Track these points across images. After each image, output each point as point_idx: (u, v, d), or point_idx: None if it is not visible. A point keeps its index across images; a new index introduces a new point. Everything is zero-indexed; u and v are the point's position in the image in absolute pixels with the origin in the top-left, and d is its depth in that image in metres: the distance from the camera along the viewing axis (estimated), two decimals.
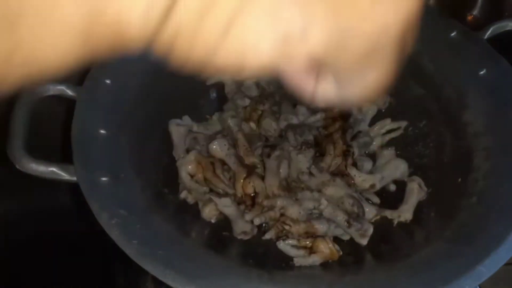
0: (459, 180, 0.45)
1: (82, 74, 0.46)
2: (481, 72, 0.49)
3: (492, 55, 0.50)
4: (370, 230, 0.44)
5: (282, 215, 0.45)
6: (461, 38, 0.52)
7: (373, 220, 0.47)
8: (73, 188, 0.39)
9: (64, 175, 0.40)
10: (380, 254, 0.44)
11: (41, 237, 0.55)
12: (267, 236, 0.45)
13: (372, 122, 0.56)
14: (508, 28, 0.51)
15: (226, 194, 0.46)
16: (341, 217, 0.44)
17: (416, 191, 0.47)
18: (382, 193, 0.50)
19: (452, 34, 0.52)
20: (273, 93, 0.56)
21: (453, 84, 0.52)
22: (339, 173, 0.49)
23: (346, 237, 0.46)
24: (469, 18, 0.74)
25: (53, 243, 0.54)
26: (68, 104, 0.45)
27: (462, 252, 0.36)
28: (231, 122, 0.52)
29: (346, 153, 0.49)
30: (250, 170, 0.48)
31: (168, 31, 0.15)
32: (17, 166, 0.39)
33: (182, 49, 0.15)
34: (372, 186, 0.48)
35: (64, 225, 0.55)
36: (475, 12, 0.73)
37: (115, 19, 0.14)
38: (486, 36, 0.52)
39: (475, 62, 0.50)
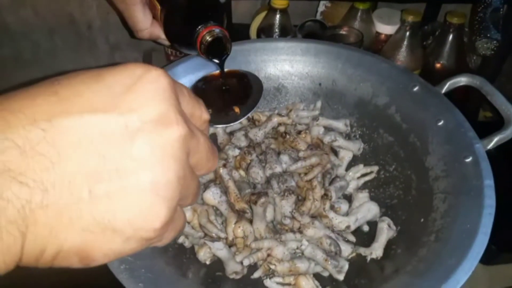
0: (422, 220, 0.51)
1: None
2: (440, 123, 0.56)
3: (449, 107, 0.56)
4: (346, 266, 0.50)
5: (268, 255, 0.51)
6: (423, 92, 0.59)
7: (349, 257, 0.53)
8: None
9: None
10: (355, 287, 0.50)
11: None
12: (256, 275, 0.51)
13: (349, 167, 0.63)
14: (461, 83, 0.58)
15: (218, 238, 0.52)
16: (320, 256, 0.50)
17: (385, 231, 0.53)
18: (357, 232, 0.56)
19: (415, 89, 0.60)
20: (259, 143, 0.64)
21: (417, 133, 0.58)
22: (319, 215, 0.55)
23: (325, 273, 0.52)
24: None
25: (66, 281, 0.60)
26: None
27: (418, 284, 0.42)
28: (222, 171, 0.58)
29: (324, 197, 0.55)
30: (240, 215, 0.55)
31: (22, 262, 0.22)
32: None
33: (37, 265, 0.23)
34: (348, 227, 0.54)
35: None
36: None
37: None
38: (443, 90, 0.59)
39: (435, 113, 0.57)
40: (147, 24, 0.57)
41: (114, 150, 0.23)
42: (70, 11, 0.88)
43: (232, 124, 0.58)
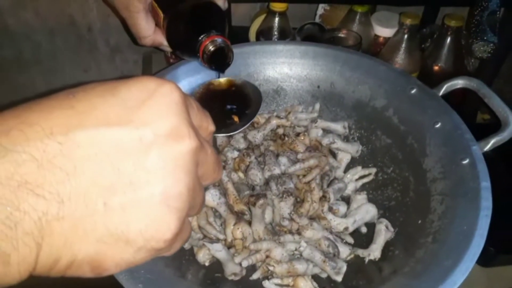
0: (419, 221, 0.51)
1: None
2: (437, 125, 0.56)
3: (446, 110, 0.57)
4: (344, 268, 0.51)
5: (267, 257, 0.52)
6: (420, 94, 0.60)
7: (348, 259, 0.53)
8: None
9: None
10: None
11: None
12: (254, 276, 0.51)
13: (347, 169, 0.64)
14: (458, 86, 0.59)
15: (217, 240, 0.53)
16: (318, 257, 0.51)
17: (383, 232, 0.53)
18: (355, 233, 0.57)
19: (413, 91, 0.60)
20: (258, 145, 0.64)
21: (415, 135, 0.58)
22: (317, 217, 0.55)
23: (323, 275, 0.52)
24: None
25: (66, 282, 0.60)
26: None
27: (415, 286, 0.43)
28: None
29: (323, 199, 0.56)
30: (239, 217, 0.55)
31: (36, 271, 0.23)
32: None
33: (50, 274, 0.24)
34: (346, 228, 0.54)
35: None
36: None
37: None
38: (441, 93, 0.59)
39: (432, 116, 0.57)
40: (150, 31, 0.57)
41: (128, 163, 0.24)
42: (70, 13, 0.89)
43: (232, 134, 0.58)
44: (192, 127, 0.26)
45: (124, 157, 0.24)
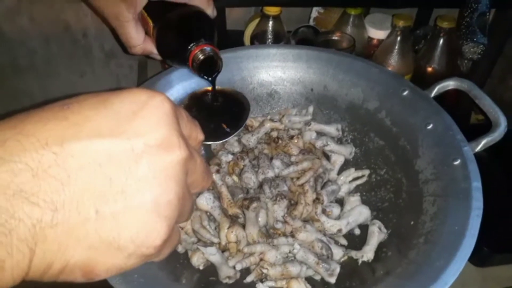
0: (412, 222, 0.52)
1: None
2: (429, 127, 0.56)
3: (438, 111, 0.57)
4: (337, 269, 0.51)
5: (261, 259, 0.52)
6: (412, 96, 0.60)
7: (341, 260, 0.54)
8: None
9: None
10: None
11: None
12: (248, 279, 0.51)
13: (340, 171, 0.64)
14: (450, 87, 0.59)
15: (211, 243, 0.53)
16: (311, 260, 0.51)
17: (376, 234, 0.54)
18: (349, 235, 0.57)
19: (405, 93, 0.60)
20: (252, 148, 0.64)
21: (407, 136, 0.59)
22: (311, 219, 0.56)
23: (317, 277, 0.52)
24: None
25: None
26: None
27: (407, 286, 0.43)
28: (215, 177, 0.59)
29: (316, 201, 0.56)
30: (233, 220, 0.55)
31: (29, 276, 0.23)
32: None
33: (42, 279, 0.25)
34: (339, 230, 0.55)
35: None
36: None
37: None
38: (432, 94, 0.60)
39: (424, 117, 0.57)
40: (139, 40, 0.58)
41: (120, 173, 0.25)
42: (65, 19, 0.89)
43: (220, 141, 0.60)
44: (182, 137, 0.27)
45: (116, 167, 0.25)
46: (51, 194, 0.23)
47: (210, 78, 0.56)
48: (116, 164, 0.25)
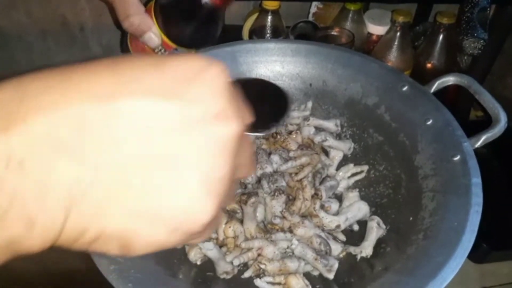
0: (411, 218, 0.51)
1: None
2: (428, 122, 0.56)
3: (437, 106, 0.57)
4: (336, 265, 0.51)
5: (259, 255, 0.52)
6: (411, 91, 0.60)
7: (339, 256, 0.53)
8: None
9: None
10: (345, 285, 0.50)
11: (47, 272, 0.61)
12: (246, 274, 0.51)
13: (339, 166, 0.64)
14: (450, 83, 0.59)
15: (209, 238, 0.53)
16: (310, 255, 0.51)
17: (375, 229, 0.53)
18: (347, 231, 0.57)
19: (404, 89, 0.60)
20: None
21: (406, 132, 0.59)
22: (309, 215, 0.55)
23: (315, 272, 0.52)
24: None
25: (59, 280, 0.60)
26: None
27: (406, 282, 0.43)
28: None
29: (315, 197, 0.56)
30: (231, 215, 0.55)
31: (60, 240, 0.22)
32: None
33: (74, 246, 0.22)
34: (338, 226, 0.54)
35: (69, 264, 0.61)
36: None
37: (20, 251, 0.21)
38: (432, 90, 0.59)
39: (423, 112, 0.57)
40: (140, 10, 0.54)
41: (170, 139, 0.22)
42: (62, 13, 0.89)
43: (260, 134, 0.58)
44: (238, 111, 0.25)
45: (167, 132, 0.22)
46: (94, 153, 0.21)
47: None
48: (167, 129, 0.22)
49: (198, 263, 0.52)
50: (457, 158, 0.51)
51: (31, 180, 0.20)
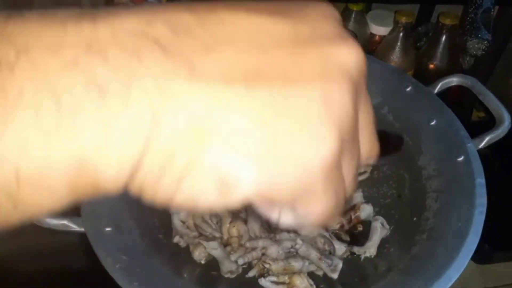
0: (415, 218, 0.51)
1: None
2: (432, 123, 0.56)
3: (441, 107, 0.57)
4: (340, 265, 0.51)
5: (263, 254, 0.52)
6: (415, 92, 0.60)
7: (344, 256, 0.54)
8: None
9: (74, 227, 0.46)
10: (349, 285, 0.51)
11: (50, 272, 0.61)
12: (250, 274, 0.51)
13: None
14: (453, 83, 0.59)
15: (213, 238, 0.53)
16: (314, 255, 0.51)
17: (379, 229, 0.53)
18: (351, 231, 0.57)
19: (408, 89, 0.60)
20: None
21: (409, 132, 0.59)
22: None
23: (319, 272, 0.52)
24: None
25: (61, 279, 0.60)
26: None
27: (410, 282, 0.43)
28: None
29: None
30: (235, 215, 0.55)
31: (136, 182, 0.17)
32: (34, 221, 0.46)
33: (148, 194, 0.18)
34: (342, 226, 0.55)
35: (72, 263, 0.61)
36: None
37: (95, 178, 0.17)
38: (435, 90, 0.59)
39: (427, 113, 0.57)
40: None
41: (280, 54, 0.18)
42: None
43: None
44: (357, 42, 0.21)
45: (276, 48, 0.19)
46: (191, 53, 0.17)
47: None
48: (277, 45, 0.18)
49: (203, 262, 0.53)
50: (461, 158, 0.51)
51: (113, 69, 0.16)
